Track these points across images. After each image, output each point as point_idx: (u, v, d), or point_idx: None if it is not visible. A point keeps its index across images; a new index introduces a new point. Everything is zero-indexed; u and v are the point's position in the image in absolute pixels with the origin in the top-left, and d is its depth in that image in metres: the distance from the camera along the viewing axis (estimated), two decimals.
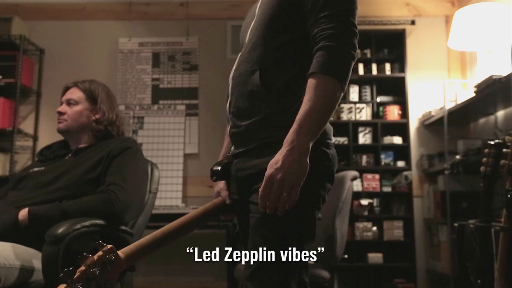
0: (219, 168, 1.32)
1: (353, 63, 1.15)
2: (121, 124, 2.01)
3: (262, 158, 1.18)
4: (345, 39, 1.14)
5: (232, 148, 1.31)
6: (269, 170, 1.09)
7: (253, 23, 1.31)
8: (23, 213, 1.63)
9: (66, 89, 2.02)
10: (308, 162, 1.09)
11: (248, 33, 1.31)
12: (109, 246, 1.03)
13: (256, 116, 1.21)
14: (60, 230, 1.49)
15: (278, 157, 1.09)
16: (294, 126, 1.10)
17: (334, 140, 1.28)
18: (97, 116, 1.96)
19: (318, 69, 1.12)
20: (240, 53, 1.33)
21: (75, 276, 0.96)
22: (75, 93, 1.98)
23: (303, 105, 1.11)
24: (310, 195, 1.17)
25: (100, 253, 1.01)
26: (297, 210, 1.15)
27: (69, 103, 1.97)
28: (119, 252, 1.05)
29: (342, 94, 1.14)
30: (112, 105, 2.01)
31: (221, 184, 1.35)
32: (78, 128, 1.95)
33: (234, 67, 1.32)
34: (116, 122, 1.99)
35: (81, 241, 1.64)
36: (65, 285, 0.95)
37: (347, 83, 1.15)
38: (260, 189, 1.10)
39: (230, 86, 1.31)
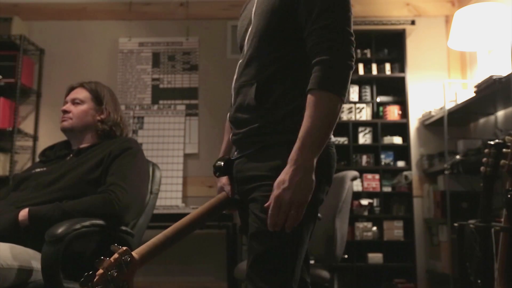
0: (222, 163, 1.35)
1: (351, 73, 1.18)
2: (124, 126, 2.02)
3: (260, 162, 1.22)
4: (341, 51, 1.16)
5: (236, 153, 1.34)
6: (277, 191, 1.11)
7: (249, 31, 1.32)
8: (24, 213, 1.63)
9: (71, 88, 2.02)
10: (314, 178, 1.12)
11: (246, 42, 1.32)
12: (124, 248, 1.06)
13: (253, 124, 1.24)
14: (59, 230, 1.49)
15: (285, 177, 1.11)
16: (297, 144, 1.12)
17: (334, 139, 1.29)
18: (102, 116, 1.96)
19: (316, 85, 1.14)
20: (239, 62, 1.34)
21: (95, 280, 0.99)
22: (81, 93, 1.98)
23: (304, 122, 1.13)
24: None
25: (116, 255, 1.04)
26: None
27: (74, 102, 1.96)
28: (133, 253, 1.08)
29: (341, 106, 1.17)
30: (116, 106, 2.02)
31: (224, 179, 1.37)
32: (82, 127, 1.94)
33: (235, 77, 1.35)
34: (120, 124, 1.99)
35: (81, 242, 1.64)
36: None
37: (346, 93, 1.18)
38: (269, 209, 1.12)
39: (233, 96, 1.33)
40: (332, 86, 1.14)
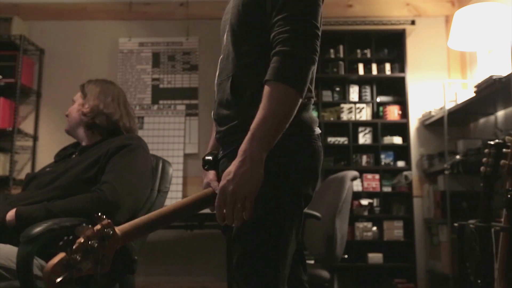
0: (211, 158, 1.34)
1: (312, 67, 1.12)
2: (131, 119, 1.95)
3: None
4: (302, 42, 1.10)
5: (221, 152, 1.33)
6: (222, 182, 1.08)
7: (227, 26, 1.31)
8: (11, 213, 1.61)
9: None
10: (262, 172, 1.07)
11: (224, 37, 1.32)
12: (107, 220, 1.01)
13: (232, 122, 1.22)
14: (34, 231, 1.45)
15: (231, 168, 1.07)
16: (248, 135, 1.08)
17: (319, 131, 1.24)
18: (83, 109, 1.90)
19: (272, 76, 1.09)
20: (220, 57, 1.33)
21: (74, 247, 0.95)
22: (76, 94, 1.98)
23: (257, 114, 1.09)
24: (287, 192, 1.15)
25: (98, 226, 1.00)
26: (276, 210, 1.14)
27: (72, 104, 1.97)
28: (116, 229, 1.04)
29: (300, 100, 1.11)
30: (105, 98, 1.91)
31: (211, 175, 1.34)
32: (73, 125, 1.93)
33: (217, 73, 1.33)
34: (112, 117, 1.89)
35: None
36: (64, 254, 0.94)
37: (306, 88, 1.11)
38: (215, 201, 1.10)
39: (216, 93, 1.32)
40: (288, 78, 1.08)
